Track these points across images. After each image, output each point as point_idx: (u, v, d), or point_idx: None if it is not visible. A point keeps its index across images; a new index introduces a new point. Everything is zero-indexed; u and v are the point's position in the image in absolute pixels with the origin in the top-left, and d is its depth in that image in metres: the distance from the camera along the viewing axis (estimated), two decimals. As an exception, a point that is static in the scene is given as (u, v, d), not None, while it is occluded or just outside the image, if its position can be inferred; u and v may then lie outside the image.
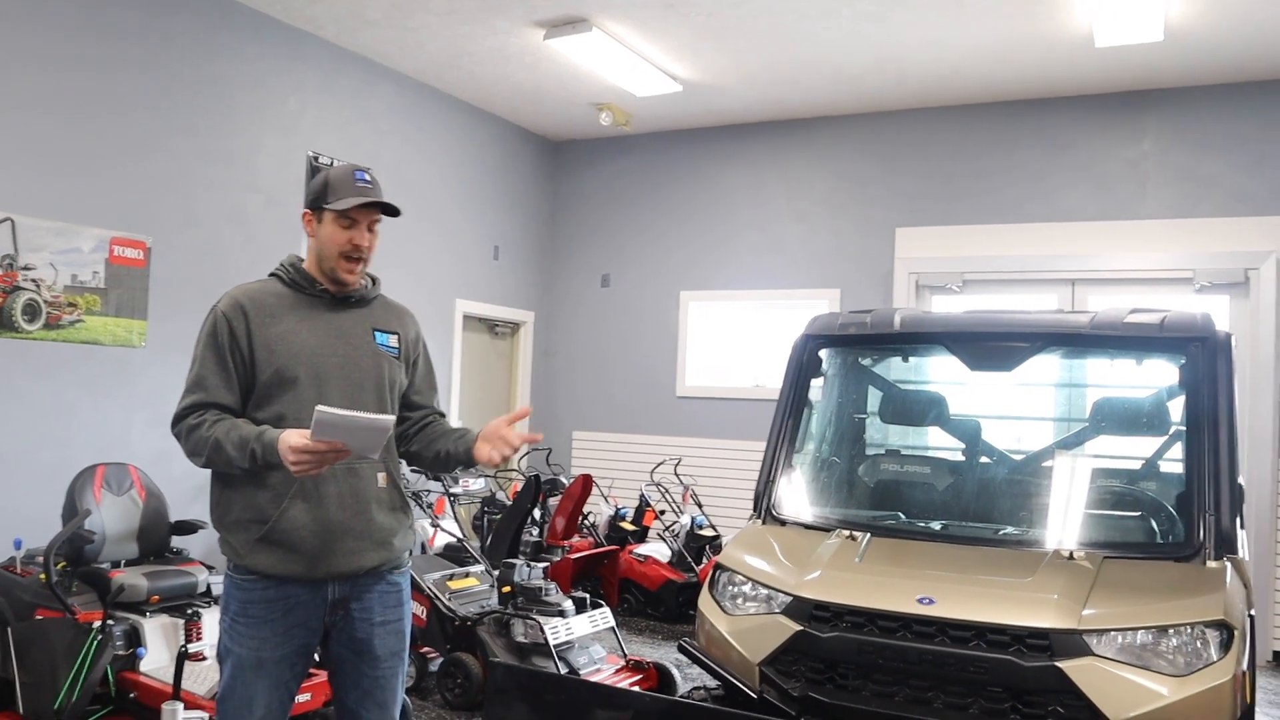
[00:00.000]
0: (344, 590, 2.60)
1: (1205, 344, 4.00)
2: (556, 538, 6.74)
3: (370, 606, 2.65)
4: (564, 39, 6.60)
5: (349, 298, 2.72)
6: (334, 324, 2.67)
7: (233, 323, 2.57)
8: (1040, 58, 6.76)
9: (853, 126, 8.27)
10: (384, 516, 2.63)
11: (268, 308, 2.62)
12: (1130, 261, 7.25)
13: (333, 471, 2.51)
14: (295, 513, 2.51)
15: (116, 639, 4.27)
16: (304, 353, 2.59)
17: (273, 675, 2.54)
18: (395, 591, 2.72)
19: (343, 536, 2.55)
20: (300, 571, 2.52)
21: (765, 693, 3.59)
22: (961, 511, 4.37)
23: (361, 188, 2.63)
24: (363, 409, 2.51)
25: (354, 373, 2.64)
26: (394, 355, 2.74)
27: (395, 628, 2.71)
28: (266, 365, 2.56)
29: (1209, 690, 3.17)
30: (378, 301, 2.82)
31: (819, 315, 4.82)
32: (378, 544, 2.62)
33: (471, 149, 8.46)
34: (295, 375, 2.56)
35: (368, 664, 2.66)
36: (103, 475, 4.89)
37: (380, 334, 2.73)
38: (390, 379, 2.71)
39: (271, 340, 2.58)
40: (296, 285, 2.68)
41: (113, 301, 5.57)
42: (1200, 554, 3.65)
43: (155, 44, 5.80)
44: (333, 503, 2.54)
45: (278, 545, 2.51)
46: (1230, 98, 7.06)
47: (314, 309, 2.67)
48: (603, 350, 9.25)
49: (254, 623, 2.53)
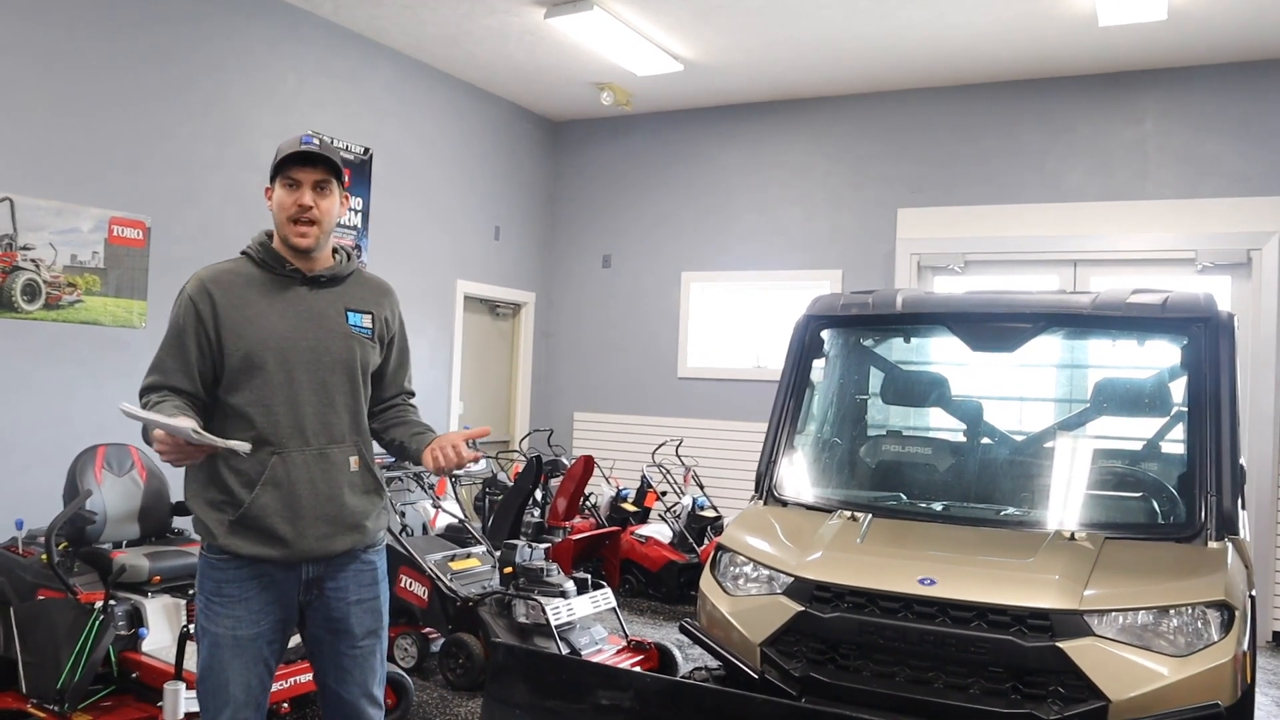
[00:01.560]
0: (318, 570, 2.61)
1: (1208, 325, 3.99)
2: (558, 519, 6.75)
3: (345, 586, 2.65)
4: (565, 17, 6.55)
5: (320, 277, 2.65)
6: (305, 305, 2.62)
7: (199, 306, 2.54)
8: (1042, 37, 6.72)
9: (854, 106, 8.23)
10: (356, 500, 2.63)
11: (235, 290, 2.57)
12: (1132, 242, 7.22)
13: (304, 457, 2.54)
14: (266, 499, 2.51)
15: (118, 619, 4.27)
16: (272, 337, 2.55)
17: (249, 653, 2.54)
18: (370, 570, 2.72)
19: (315, 521, 2.55)
20: (274, 554, 2.53)
21: (767, 673, 3.60)
22: (963, 492, 4.37)
23: (304, 149, 2.57)
24: (334, 394, 2.58)
25: (324, 356, 2.60)
26: (366, 336, 2.69)
27: (371, 606, 2.71)
28: (234, 350, 2.53)
29: (1209, 670, 3.17)
30: (353, 278, 2.75)
31: (821, 296, 4.81)
32: (350, 528, 2.62)
33: (472, 129, 8.42)
34: (263, 360, 2.53)
35: (345, 643, 2.67)
36: (104, 456, 4.88)
37: (353, 314, 2.67)
38: (362, 361, 2.67)
39: (239, 324, 2.54)
40: (266, 265, 2.62)
41: (112, 282, 5.55)
42: (1201, 535, 3.65)
43: (153, 24, 5.76)
44: (304, 488, 2.54)
45: (251, 529, 2.51)
46: (1232, 78, 7.01)
47: (284, 290, 2.61)
48: (604, 331, 9.24)
49: (229, 602, 2.53)
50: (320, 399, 2.58)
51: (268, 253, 2.63)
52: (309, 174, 2.57)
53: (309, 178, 2.57)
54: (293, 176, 2.56)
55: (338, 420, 2.60)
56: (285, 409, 2.54)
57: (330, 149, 2.63)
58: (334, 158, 2.61)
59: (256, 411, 2.53)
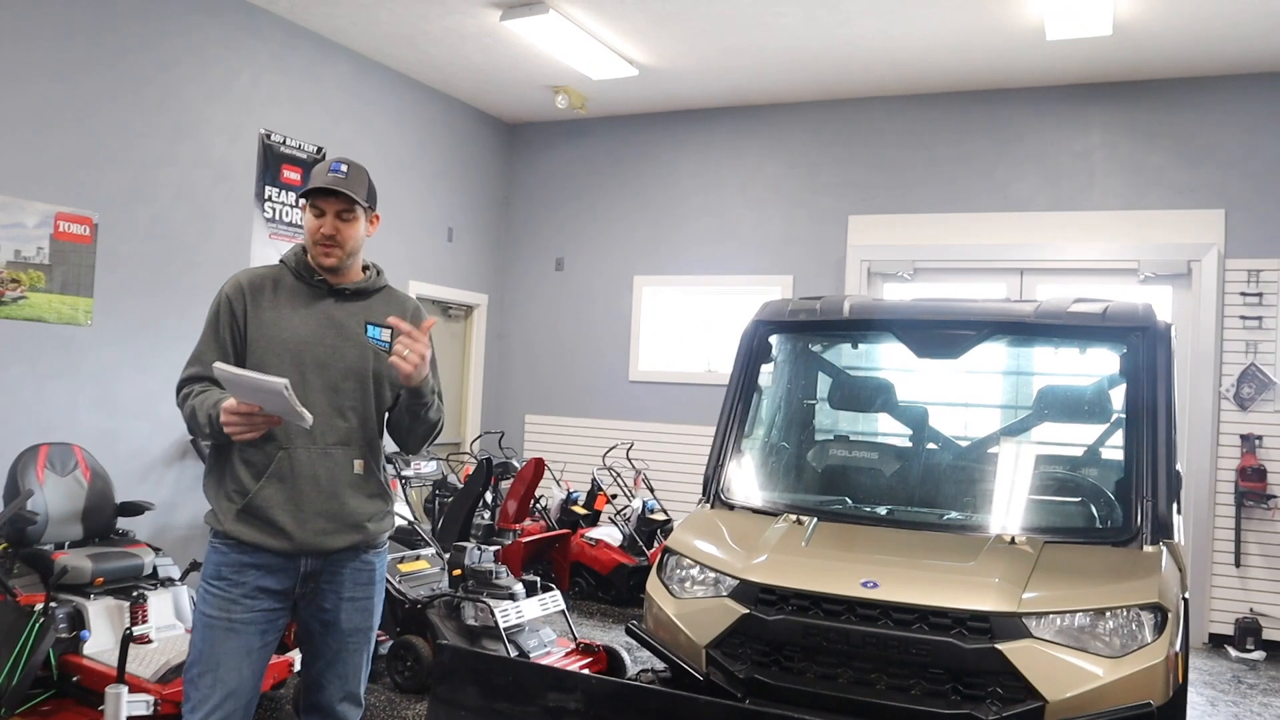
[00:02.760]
0: (316, 565, 2.71)
1: (1146, 334, 4.09)
2: (508, 521, 6.73)
3: (341, 582, 2.75)
4: (520, 20, 6.56)
5: (345, 290, 2.81)
6: (329, 315, 2.77)
7: (233, 302, 2.72)
8: (992, 49, 6.84)
9: (807, 114, 8.31)
10: (357, 501, 2.74)
11: (267, 292, 2.75)
12: (1078, 252, 7.37)
13: (309, 454, 2.66)
14: (270, 490, 2.64)
15: (59, 622, 4.22)
16: (293, 339, 2.71)
17: (242, 638, 2.62)
18: (368, 570, 2.82)
19: (315, 516, 2.66)
20: (275, 544, 2.63)
21: (712, 675, 3.63)
22: (907, 497, 4.44)
23: (328, 177, 2.72)
24: (344, 399, 2.71)
25: (338, 363, 2.73)
26: (383, 349, 2.79)
27: (363, 605, 2.81)
28: (256, 345, 2.70)
29: (1143, 671, 3.25)
30: (381, 295, 2.90)
31: (770, 301, 4.86)
32: (350, 527, 2.72)
33: (426, 130, 8.39)
34: (280, 358, 2.68)
35: (333, 636, 2.77)
36: (46, 455, 4.81)
37: (373, 328, 2.80)
38: (376, 371, 2.78)
39: (265, 323, 2.71)
40: (299, 274, 2.80)
41: (58, 278, 5.46)
42: (1137, 539, 3.74)
43: (103, 19, 5.67)
44: (306, 483, 2.66)
45: (254, 518, 2.63)
46: (1175, 92, 7.19)
47: (312, 299, 2.78)
48: (556, 334, 9.24)
49: (225, 585, 2.63)
50: (330, 402, 2.70)
51: (300, 263, 2.81)
52: (333, 203, 2.73)
53: (333, 207, 2.73)
54: (319, 205, 2.73)
55: (345, 424, 2.73)
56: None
57: (356, 178, 2.76)
58: (357, 192, 2.74)
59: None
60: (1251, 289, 6.88)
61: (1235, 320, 6.92)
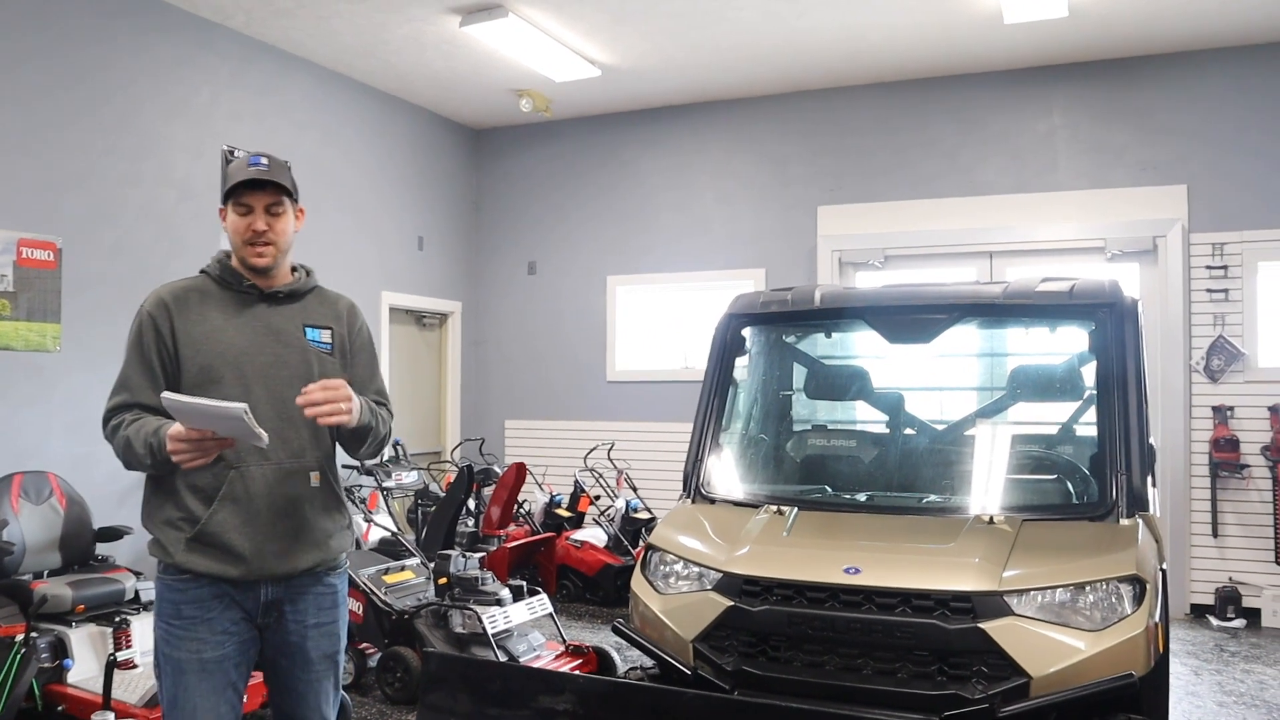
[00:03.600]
0: (277, 592, 2.55)
1: (1113, 310, 4.13)
2: (492, 527, 6.73)
3: (304, 609, 2.60)
4: (480, 25, 6.55)
5: (278, 293, 2.63)
6: (264, 321, 2.60)
7: (157, 321, 2.52)
8: (951, 34, 6.89)
9: (771, 107, 8.34)
10: (318, 517, 2.59)
11: (193, 305, 2.56)
12: (1045, 232, 7.44)
13: (263, 472, 2.49)
14: (225, 515, 2.46)
15: (41, 651, 4.18)
16: (230, 351, 2.53)
17: (216, 677, 2.48)
18: (331, 593, 2.67)
19: (275, 538, 2.51)
20: (233, 573, 2.47)
21: (700, 669, 3.64)
22: (886, 482, 4.46)
23: (251, 170, 2.54)
24: (293, 409, 2.46)
25: (282, 371, 2.57)
26: (326, 351, 2.66)
27: (329, 630, 2.66)
28: (191, 363, 2.51)
29: (1124, 642, 3.28)
30: (313, 295, 2.73)
31: (742, 294, 4.87)
32: (312, 545, 2.58)
33: (392, 139, 8.36)
34: (220, 374, 2.50)
35: (300, 667, 2.62)
36: (20, 484, 4.77)
37: (312, 330, 2.65)
38: (323, 375, 2.59)
39: (196, 338, 2.52)
40: (225, 282, 2.61)
41: (23, 305, 5.41)
42: (1113, 513, 3.77)
43: (57, 40, 5.62)
44: (263, 503, 2.49)
45: (209, 546, 2.45)
46: (1133, 71, 7.26)
47: (243, 306, 2.60)
48: (532, 338, 9.23)
49: (189, 624, 2.47)
50: (278, 414, 2.52)
51: (225, 270, 2.62)
52: (260, 198, 2.55)
53: (260, 201, 2.55)
54: (244, 202, 2.54)
55: (296, 435, 2.55)
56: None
57: (279, 169, 2.59)
58: (283, 180, 2.57)
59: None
60: (1216, 262, 6.97)
61: (1202, 294, 7.00)
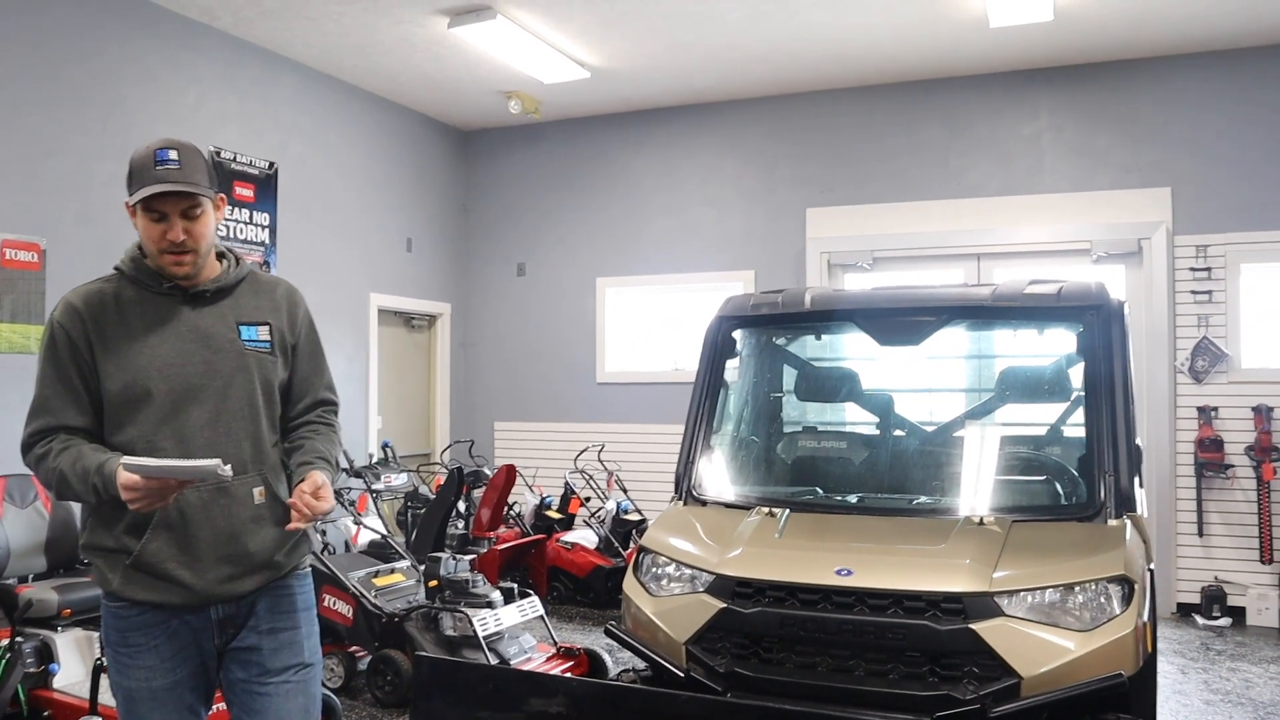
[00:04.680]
0: (230, 609, 2.36)
1: (1100, 312, 4.15)
2: (482, 529, 6.73)
3: (258, 614, 2.39)
4: (468, 27, 6.54)
5: (204, 291, 2.34)
6: (190, 325, 2.31)
7: (71, 333, 2.25)
8: (939, 38, 6.92)
9: (760, 109, 8.36)
10: (261, 536, 2.33)
11: (109, 312, 2.28)
12: (1032, 235, 7.48)
13: (199, 494, 2.24)
14: (159, 544, 2.24)
15: (27, 656, 4.15)
16: (155, 363, 2.25)
17: (169, 704, 2.30)
18: (287, 596, 2.44)
19: (216, 563, 2.28)
20: (176, 600, 2.27)
21: (692, 671, 3.64)
22: (877, 484, 4.48)
23: (160, 173, 2.21)
24: (229, 421, 2.30)
25: (215, 380, 2.30)
26: (265, 350, 2.38)
27: (288, 638, 2.42)
28: (114, 380, 2.25)
29: (1113, 642, 3.31)
30: (244, 286, 2.43)
31: (732, 297, 4.88)
32: (259, 566, 2.35)
33: (380, 140, 8.35)
34: (147, 390, 2.24)
35: (257, 680, 2.38)
36: (4, 487, 4.73)
37: (247, 328, 2.37)
38: (264, 379, 2.37)
39: (116, 351, 2.25)
40: (142, 283, 2.32)
41: (6, 307, 5.37)
42: (1101, 513, 3.79)
43: (35, 38, 5.58)
44: (201, 529, 2.26)
45: (147, 575, 2.25)
46: (1118, 74, 7.31)
47: (166, 309, 2.30)
48: (521, 340, 9.22)
49: (136, 651, 2.28)
50: (213, 429, 2.29)
51: (142, 270, 2.32)
52: (174, 204, 2.24)
53: (175, 208, 2.24)
54: (156, 209, 2.23)
55: (235, 450, 2.30)
56: (173, 443, 2.25)
57: (193, 166, 2.26)
58: (198, 180, 2.25)
59: (141, 449, 2.23)
60: (1200, 264, 7.01)
61: (1186, 295, 7.05)
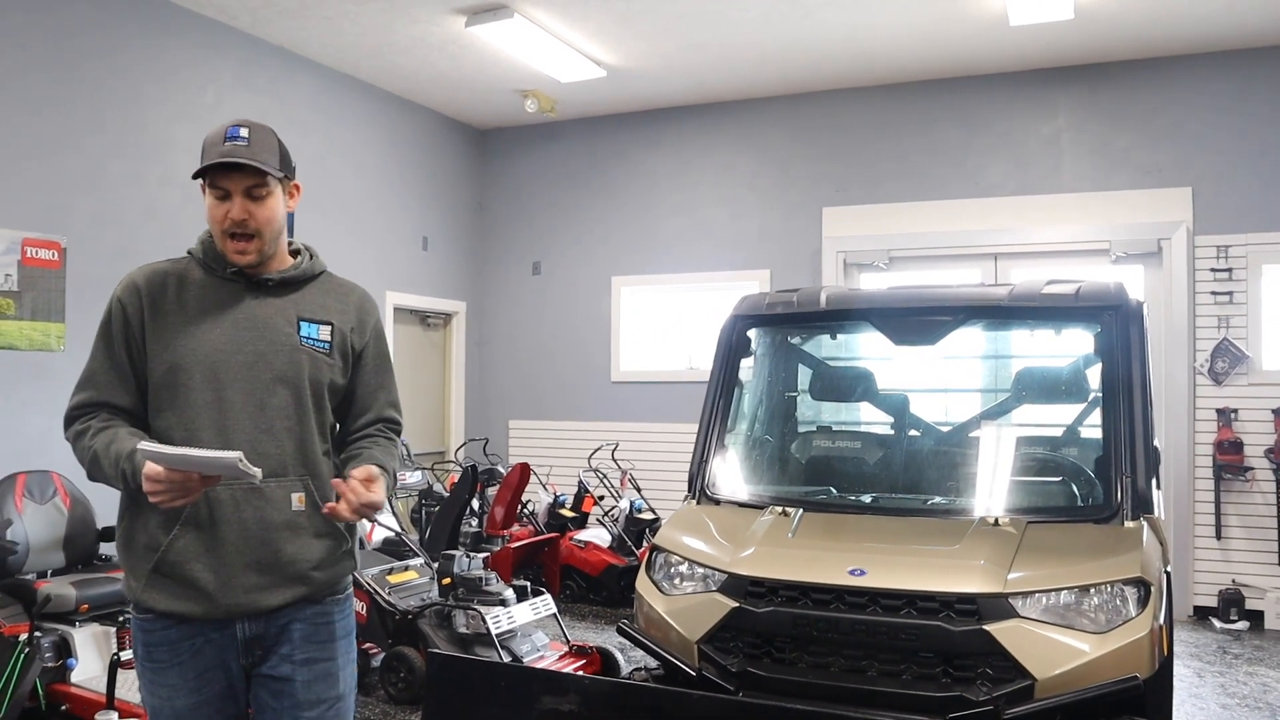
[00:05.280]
0: (257, 628, 2.20)
1: (1119, 312, 4.12)
2: (496, 527, 6.74)
3: (292, 642, 2.24)
4: (485, 26, 6.55)
5: (268, 281, 2.25)
6: (248, 313, 2.22)
7: (127, 308, 2.19)
8: (957, 37, 6.88)
9: (776, 108, 8.34)
10: (298, 546, 2.20)
11: (169, 292, 2.21)
12: (1050, 234, 7.43)
13: (231, 492, 2.12)
14: (186, 542, 2.12)
15: (45, 651, 4.18)
16: (203, 348, 2.16)
17: None
18: (326, 624, 2.29)
19: (244, 570, 2.14)
20: (197, 611, 2.13)
21: (704, 670, 3.63)
22: (891, 484, 4.46)
23: (226, 148, 2.13)
24: (272, 417, 2.18)
25: (263, 373, 2.19)
26: (322, 350, 2.27)
27: (324, 669, 2.27)
28: (159, 361, 2.17)
29: (1129, 645, 3.28)
30: (316, 283, 2.34)
31: (747, 296, 4.87)
32: (290, 578, 2.20)
33: (396, 139, 8.37)
34: (189, 375, 2.15)
35: (289, 711, 2.24)
36: (24, 483, 4.78)
37: (307, 324, 2.26)
38: (314, 379, 2.25)
39: (166, 331, 2.18)
40: (208, 267, 2.25)
41: (28, 305, 5.42)
42: (1118, 515, 3.77)
43: (58, 40, 5.63)
44: (231, 529, 2.13)
45: (169, 578, 2.13)
46: (1139, 73, 7.25)
47: (226, 296, 2.23)
48: (536, 338, 9.23)
49: (159, 668, 2.17)
50: (256, 424, 2.17)
51: (209, 252, 2.25)
52: (238, 181, 2.15)
53: (239, 185, 2.15)
54: (220, 185, 2.15)
55: (277, 449, 2.18)
56: (211, 434, 2.14)
57: (262, 143, 2.18)
58: (266, 158, 2.17)
59: (178, 437, 2.14)
60: (1221, 265, 6.95)
61: (1206, 296, 6.99)
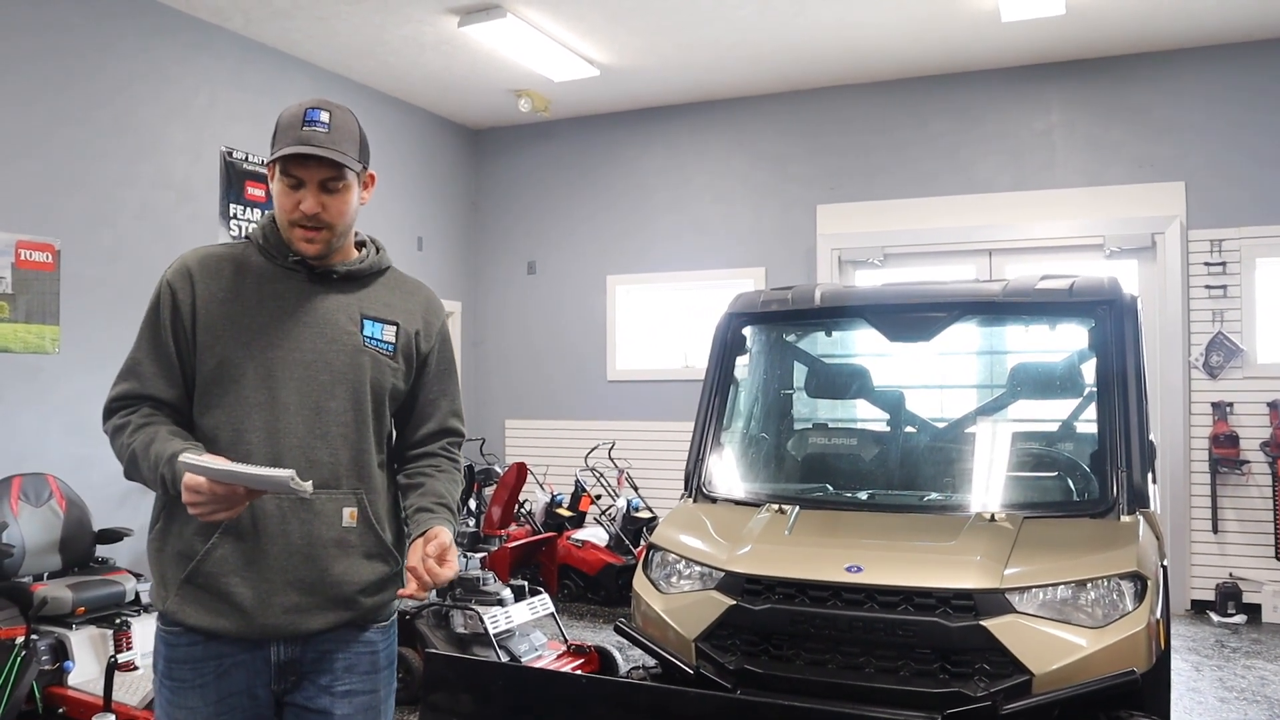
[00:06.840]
0: (293, 652, 2.01)
1: (1112, 307, 4.13)
2: (493, 527, 6.73)
3: (332, 671, 2.04)
4: (478, 25, 6.55)
5: (331, 272, 2.08)
6: (309, 307, 2.04)
7: (177, 294, 1.99)
8: (949, 33, 6.89)
9: (770, 106, 8.34)
10: (347, 565, 2.01)
11: (224, 279, 2.02)
12: (1044, 230, 7.44)
13: (278, 502, 1.94)
14: (225, 552, 1.94)
15: (41, 654, 4.18)
16: (258, 342, 1.98)
17: None
18: (370, 654, 2.09)
19: (285, 589, 1.95)
20: (230, 628, 1.95)
21: (702, 668, 3.63)
22: (887, 480, 4.46)
23: (305, 134, 1.95)
24: (330, 423, 2.00)
25: (321, 373, 2.01)
26: (385, 352, 2.09)
27: (366, 702, 2.07)
28: (209, 354, 1.98)
29: (1125, 639, 3.28)
30: (382, 280, 2.18)
31: (742, 293, 4.87)
32: (335, 601, 2.00)
33: (390, 140, 8.36)
34: (241, 371, 1.97)
35: None
36: (19, 486, 4.77)
37: (371, 323, 2.09)
38: (376, 382, 2.07)
39: (219, 321, 1.98)
40: (268, 254, 2.06)
41: (22, 307, 5.40)
42: (1114, 509, 3.77)
43: (54, 41, 5.61)
44: (275, 543, 1.95)
45: (203, 591, 1.95)
46: (1131, 68, 7.26)
47: (286, 286, 2.04)
48: (532, 337, 9.23)
49: (180, 687, 1.97)
50: (309, 429, 1.99)
51: (270, 238, 2.07)
52: (314, 172, 1.98)
53: (314, 175, 1.98)
54: (293, 174, 1.97)
55: (331, 458, 2.00)
56: (261, 436, 1.97)
57: (343, 133, 2.01)
58: (346, 151, 2.00)
59: (225, 436, 1.96)
60: (1215, 259, 6.97)
61: (1200, 290, 7.01)
